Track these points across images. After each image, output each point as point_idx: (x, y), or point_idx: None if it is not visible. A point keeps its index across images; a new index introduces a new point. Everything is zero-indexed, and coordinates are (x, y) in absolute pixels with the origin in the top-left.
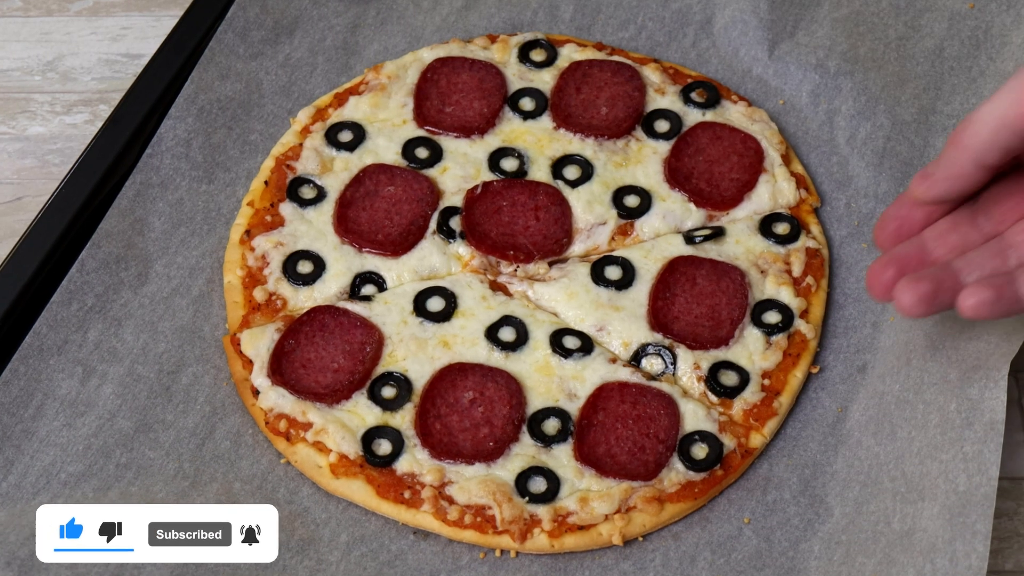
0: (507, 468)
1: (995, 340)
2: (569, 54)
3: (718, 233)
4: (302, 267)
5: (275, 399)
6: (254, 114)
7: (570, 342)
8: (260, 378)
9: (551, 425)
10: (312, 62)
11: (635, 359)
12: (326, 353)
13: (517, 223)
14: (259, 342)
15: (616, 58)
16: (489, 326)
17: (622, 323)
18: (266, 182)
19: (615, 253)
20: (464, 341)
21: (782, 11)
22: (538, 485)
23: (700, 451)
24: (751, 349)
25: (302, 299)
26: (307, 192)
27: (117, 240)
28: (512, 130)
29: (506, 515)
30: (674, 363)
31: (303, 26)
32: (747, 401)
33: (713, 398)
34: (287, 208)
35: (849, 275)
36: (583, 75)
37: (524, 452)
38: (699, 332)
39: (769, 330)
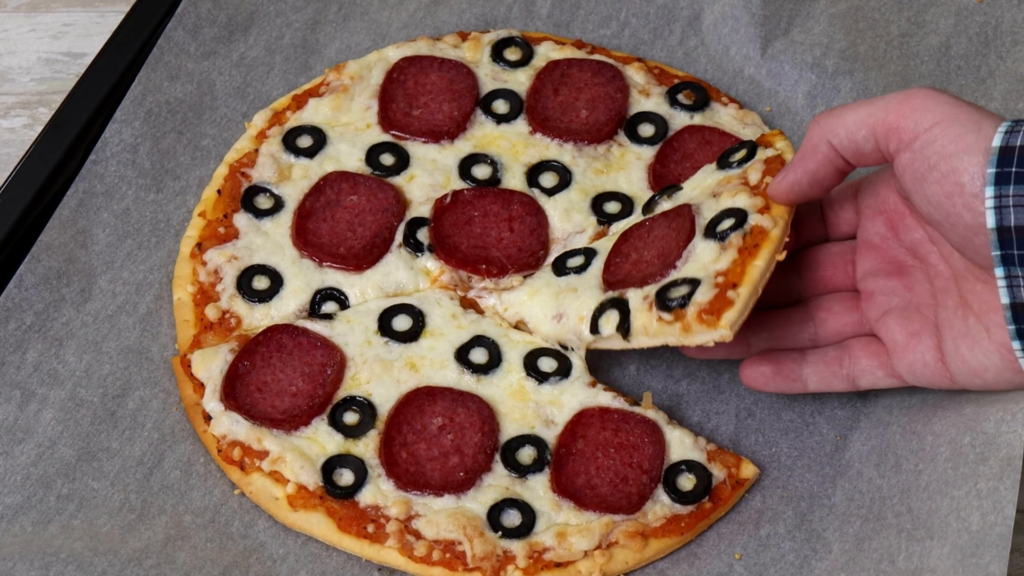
0: (479, 500)
1: None
2: (546, 53)
3: (670, 189)
4: (258, 283)
5: (228, 425)
6: (206, 118)
7: (546, 364)
8: (212, 402)
9: (526, 454)
10: (269, 61)
11: (593, 328)
12: (284, 376)
13: (490, 235)
14: (211, 364)
15: (597, 57)
16: (459, 347)
17: (578, 299)
18: (219, 191)
19: (579, 247)
20: (432, 363)
21: (776, 6)
22: (512, 519)
23: (687, 482)
24: (704, 260)
25: (258, 317)
26: (263, 202)
27: (58, 253)
28: (484, 135)
29: (477, 551)
30: (627, 311)
31: (259, 23)
32: (699, 303)
33: (667, 316)
34: (242, 219)
35: None
36: (561, 75)
37: (497, 483)
38: (648, 272)
39: (721, 235)
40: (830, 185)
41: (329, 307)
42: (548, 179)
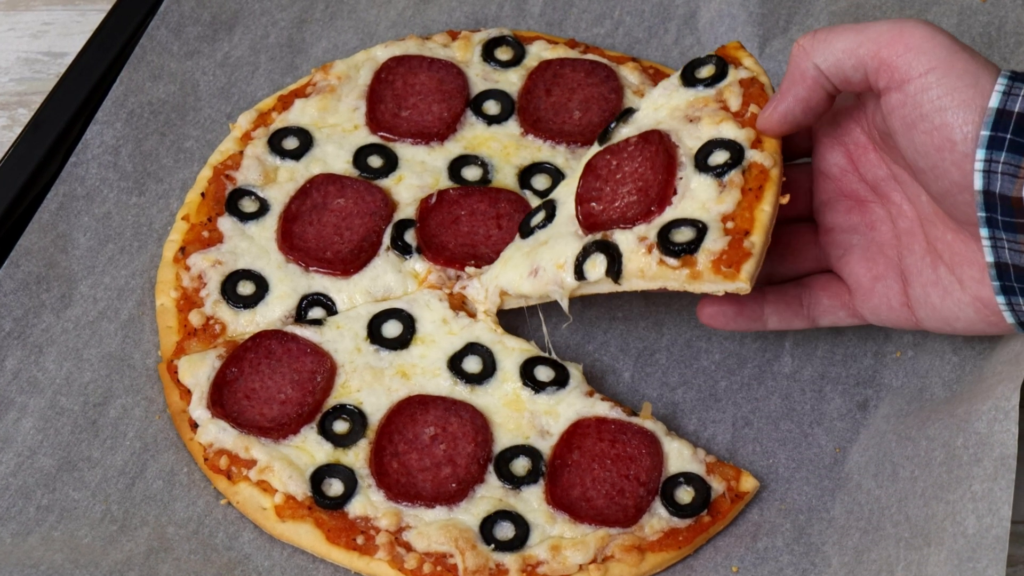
0: (471, 512)
1: (1006, 370)
2: (538, 52)
3: (626, 114)
4: (243, 288)
5: (215, 433)
6: (189, 119)
7: (542, 374)
8: (199, 410)
9: (520, 465)
10: (254, 61)
11: (578, 274)
12: (272, 383)
13: (478, 233)
14: (198, 370)
15: (590, 57)
16: (452, 356)
17: (551, 249)
18: (203, 194)
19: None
20: (424, 372)
21: (774, 4)
22: (505, 531)
23: (685, 495)
24: (702, 198)
25: (243, 323)
26: (248, 205)
27: (38, 258)
28: (475, 136)
29: (469, 564)
30: (617, 254)
31: (244, 21)
32: (712, 251)
33: (673, 262)
34: (226, 223)
35: None
36: (554, 75)
37: (490, 494)
38: (631, 212)
39: (719, 171)
40: (823, 111)
41: (316, 313)
42: (540, 181)
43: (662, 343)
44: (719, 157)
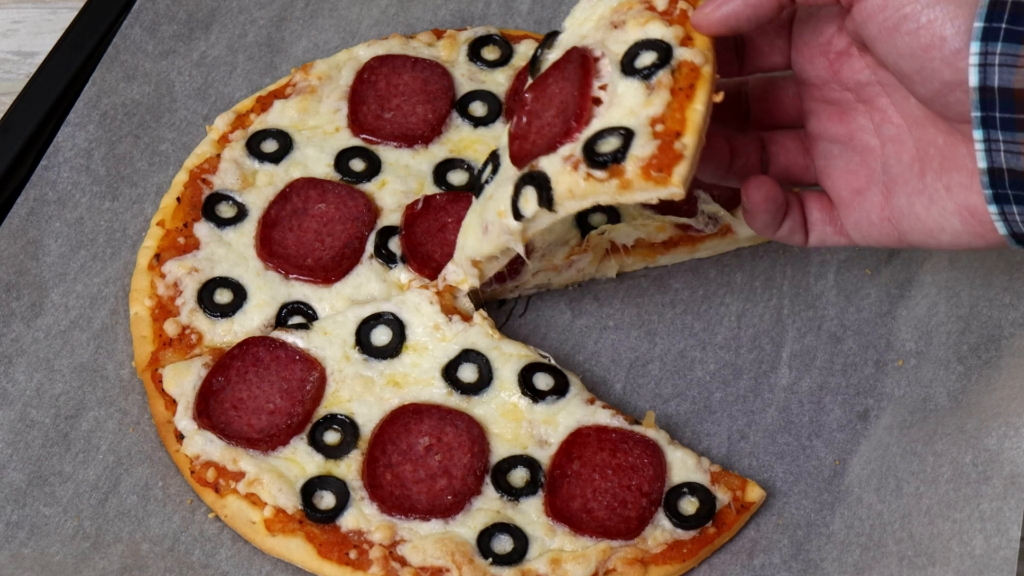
0: (468, 525)
1: (1019, 385)
2: (526, 52)
3: (550, 37)
4: (220, 296)
5: (202, 445)
6: (165, 121)
7: (542, 381)
8: (185, 421)
9: (519, 476)
10: (231, 61)
11: (516, 215)
12: (260, 392)
13: None
14: (184, 379)
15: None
16: (446, 364)
17: (495, 201)
18: (178, 199)
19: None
20: (417, 381)
21: None
22: (503, 544)
23: (690, 506)
24: (630, 104)
25: (220, 333)
26: (226, 210)
27: (7, 265)
28: (461, 138)
29: None
30: (544, 181)
31: (221, 19)
32: (640, 157)
33: (600, 174)
34: (203, 228)
35: (848, 304)
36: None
37: (487, 506)
38: (552, 134)
39: (646, 73)
40: (767, 20)
41: (296, 322)
42: None
43: (655, 353)
44: (646, 59)
